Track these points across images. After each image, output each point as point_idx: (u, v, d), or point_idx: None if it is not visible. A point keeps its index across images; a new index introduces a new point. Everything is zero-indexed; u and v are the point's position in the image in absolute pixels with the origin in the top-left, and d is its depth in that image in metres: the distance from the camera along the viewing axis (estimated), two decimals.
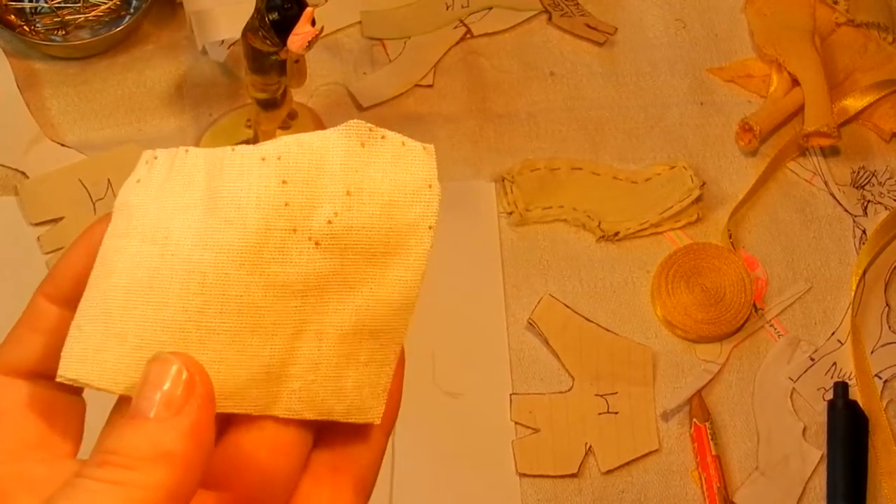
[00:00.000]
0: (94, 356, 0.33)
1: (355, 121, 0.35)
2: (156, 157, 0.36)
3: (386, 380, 0.36)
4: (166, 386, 0.32)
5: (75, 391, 0.36)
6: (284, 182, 0.34)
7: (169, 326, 0.33)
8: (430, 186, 0.35)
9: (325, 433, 0.36)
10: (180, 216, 0.34)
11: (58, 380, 0.33)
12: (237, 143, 0.81)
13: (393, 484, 0.77)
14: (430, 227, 0.35)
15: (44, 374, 0.35)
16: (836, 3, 0.93)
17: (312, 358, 0.35)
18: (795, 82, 0.89)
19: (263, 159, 0.34)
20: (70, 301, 0.35)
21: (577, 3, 0.92)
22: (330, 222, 0.34)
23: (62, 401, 0.35)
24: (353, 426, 0.36)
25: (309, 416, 0.35)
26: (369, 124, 0.35)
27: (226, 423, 0.34)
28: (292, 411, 0.34)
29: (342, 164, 0.35)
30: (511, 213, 0.84)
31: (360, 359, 0.35)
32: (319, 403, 0.35)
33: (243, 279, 0.34)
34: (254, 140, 0.81)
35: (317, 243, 0.34)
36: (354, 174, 0.35)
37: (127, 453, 0.31)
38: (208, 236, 0.34)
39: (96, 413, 0.35)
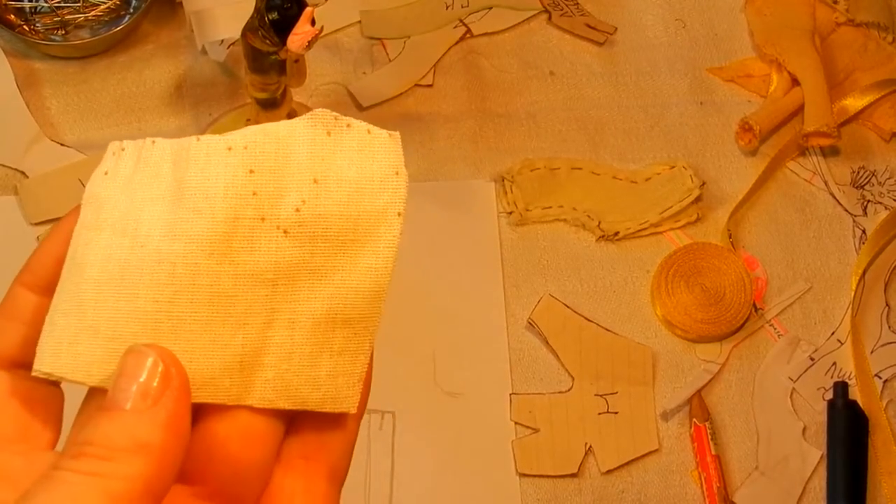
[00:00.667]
0: (67, 349, 0.33)
1: (321, 110, 0.35)
2: (123, 149, 0.36)
3: (361, 368, 0.36)
4: (142, 377, 0.32)
5: (54, 382, 0.36)
6: (251, 171, 0.34)
7: (141, 317, 0.33)
8: (397, 173, 0.35)
9: (297, 422, 0.36)
10: (149, 207, 0.34)
11: (33, 374, 0.34)
12: None
13: (393, 484, 0.77)
14: (398, 214, 0.35)
15: (23, 363, 0.35)
16: (836, 2, 0.93)
17: (285, 347, 0.35)
18: (795, 82, 0.89)
19: (230, 149, 0.34)
20: (48, 289, 0.35)
21: (577, 3, 0.92)
22: (298, 210, 0.34)
23: (41, 391, 0.35)
24: (326, 414, 0.35)
25: (283, 405, 0.35)
26: (334, 113, 0.35)
27: (197, 414, 0.34)
28: (266, 401, 0.34)
29: (308, 152, 0.35)
30: (511, 213, 0.84)
31: (333, 347, 0.35)
32: (294, 393, 0.35)
33: (213, 268, 0.34)
34: None
35: (285, 232, 0.34)
36: (321, 162, 0.35)
37: (104, 444, 0.31)
38: (177, 227, 0.34)
39: (76, 404, 0.35)
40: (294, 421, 0.36)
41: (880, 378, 0.83)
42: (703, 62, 0.92)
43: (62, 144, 0.83)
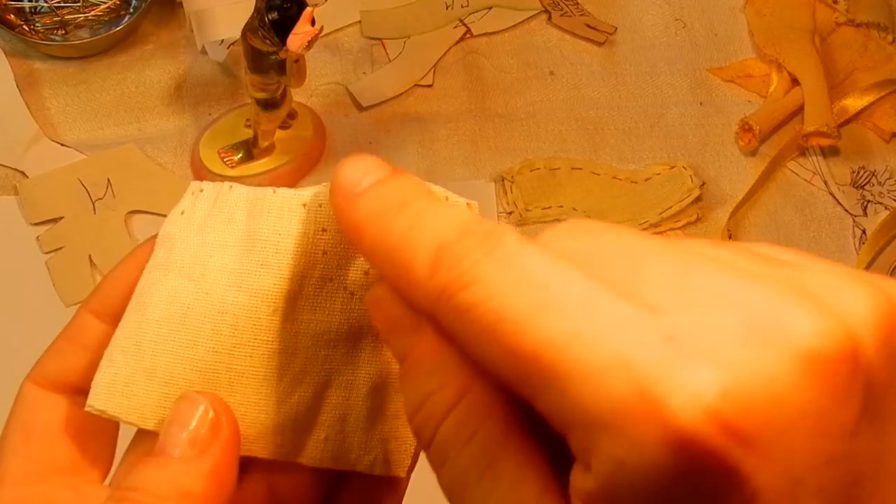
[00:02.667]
0: (122, 389, 0.33)
1: None
2: (201, 190, 0.36)
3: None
4: (192, 425, 0.32)
5: None
6: (324, 230, 0.34)
7: (198, 366, 0.33)
8: None
9: (348, 478, 0.36)
10: (218, 254, 0.34)
11: (86, 410, 0.33)
12: (236, 143, 0.80)
13: None
14: None
15: (83, 390, 0.34)
16: (836, 2, 0.94)
17: (340, 408, 0.34)
18: (795, 82, 0.89)
19: (304, 205, 0.34)
20: (116, 318, 0.34)
21: (577, 3, 0.92)
22: (366, 273, 0.34)
23: (95, 421, 0.35)
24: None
25: (333, 466, 0.35)
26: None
27: (249, 463, 0.34)
28: (317, 460, 0.34)
29: None
30: (511, 213, 0.84)
31: (388, 411, 0.35)
32: (345, 454, 0.35)
33: (275, 325, 0.33)
34: (253, 139, 0.81)
35: (352, 294, 0.34)
36: None
37: (148, 491, 0.31)
38: (244, 278, 0.33)
39: (129, 437, 0.35)
40: (345, 477, 0.36)
41: None
42: (703, 62, 0.92)
43: (62, 144, 0.83)
